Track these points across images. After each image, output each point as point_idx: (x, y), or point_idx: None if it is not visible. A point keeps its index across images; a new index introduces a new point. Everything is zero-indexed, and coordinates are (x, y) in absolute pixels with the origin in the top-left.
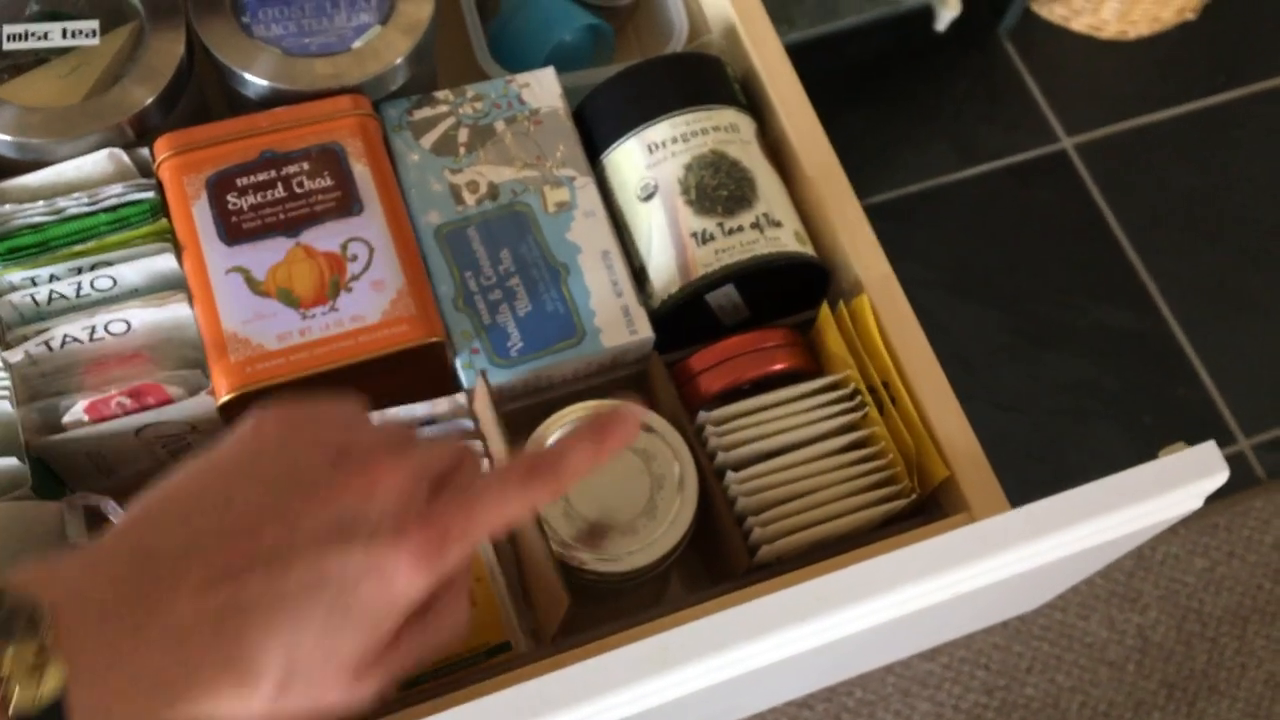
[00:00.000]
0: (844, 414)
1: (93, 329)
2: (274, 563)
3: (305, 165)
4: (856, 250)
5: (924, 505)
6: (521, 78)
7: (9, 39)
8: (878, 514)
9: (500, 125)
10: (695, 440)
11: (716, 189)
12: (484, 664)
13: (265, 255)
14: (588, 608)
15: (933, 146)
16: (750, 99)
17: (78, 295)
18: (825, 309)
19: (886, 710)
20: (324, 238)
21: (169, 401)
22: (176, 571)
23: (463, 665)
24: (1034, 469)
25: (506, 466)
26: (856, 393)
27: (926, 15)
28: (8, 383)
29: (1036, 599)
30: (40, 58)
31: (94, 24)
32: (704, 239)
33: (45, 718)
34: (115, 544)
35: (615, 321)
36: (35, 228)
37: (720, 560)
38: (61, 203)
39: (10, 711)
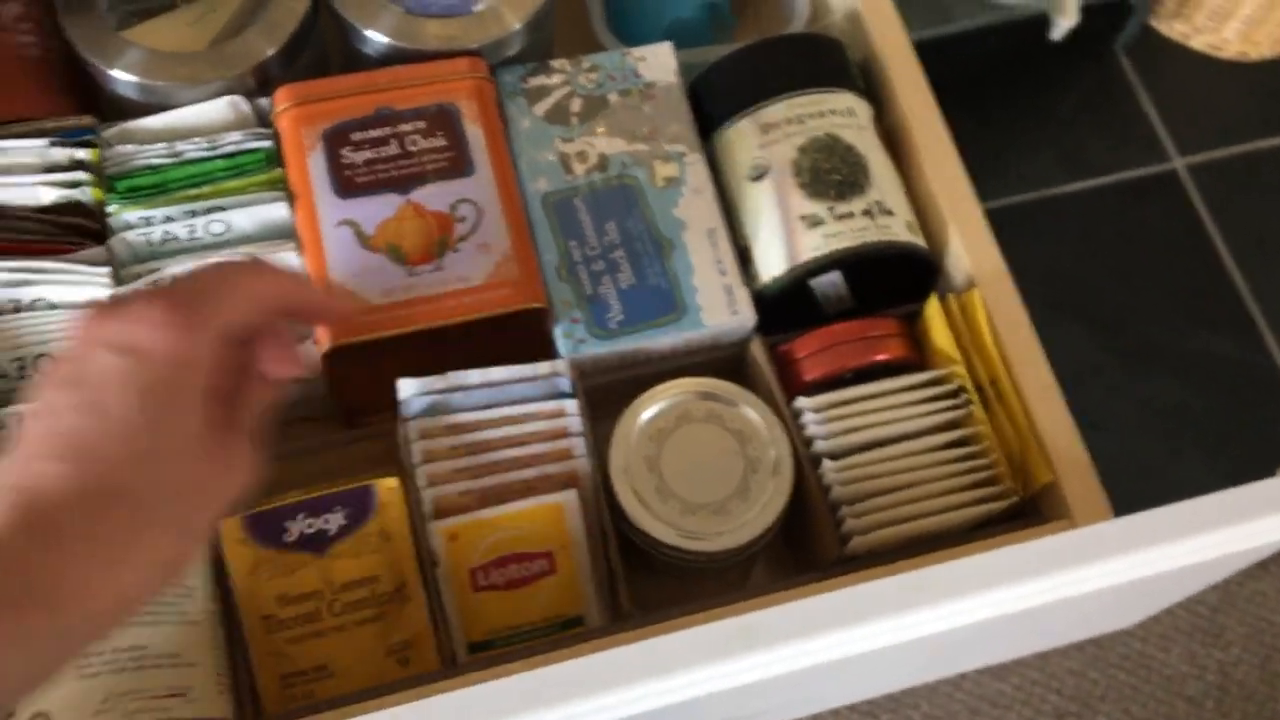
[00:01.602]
0: (948, 410)
1: None
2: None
3: (420, 124)
4: (970, 244)
5: (1022, 509)
6: (638, 51)
7: None
8: (975, 514)
9: (614, 97)
10: (792, 425)
11: (829, 173)
12: (556, 636)
13: (376, 210)
14: (667, 587)
15: (1040, 157)
16: (869, 85)
17: (190, 238)
18: (934, 301)
19: None
20: (434, 197)
21: None
22: None
23: (534, 635)
24: (1118, 491)
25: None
26: (962, 389)
27: (1041, 23)
28: None
29: (1122, 619)
30: (168, 3)
31: None
32: (813, 223)
33: None
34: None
35: (717, 301)
36: (154, 169)
37: (808, 549)
38: (181, 146)
39: None
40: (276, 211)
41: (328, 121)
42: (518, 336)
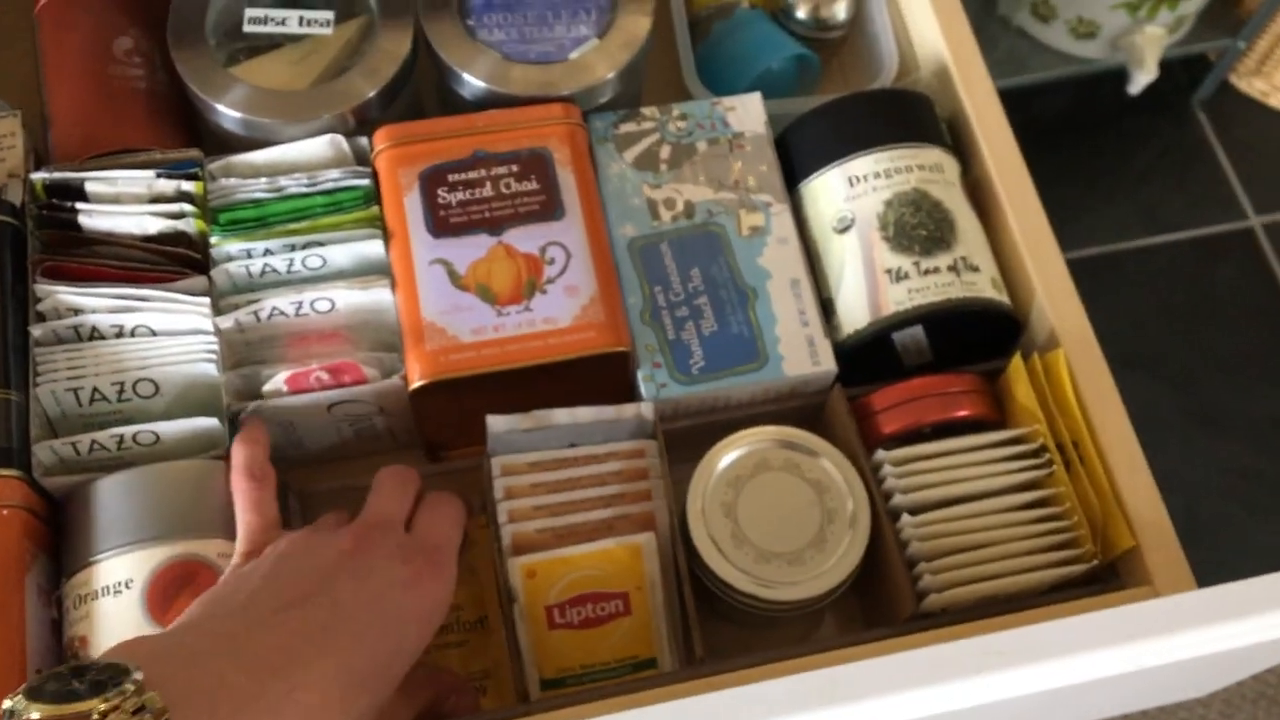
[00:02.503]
0: (1029, 469)
1: (299, 304)
2: (328, 594)
3: (514, 167)
4: (1055, 303)
5: (1100, 574)
6: (727, 101)
7: (250, 21)
8: (1052, 576)
9: (702, 145)
10: (871, 478)
11: (915, 228)
12: (628, 677)
13: (468, 250)
14: (736, 633)
15: (1114, 211)
16: (955, 139)
17: (288, 271)
18: (1018, 360)
19: None
20: (525, 239)
21: (364, 381)
22: (246, 621)
23: (606, 675)
24: (1188, 555)
25: (428, 497)
26: (1044, 449)
27: (1118, 77)
28: (216, 347)
29: (1196, 689)
30: (275, 42)
31: (329, 14)
32: (898, 277)
33: None
34: (182, 624)
35: (799, 350)
36: (256, 203)
37: (881, 604)
38: (282, 181)
39: None
40: (372, 248)
41: (425, 162)
42: (601, 378)
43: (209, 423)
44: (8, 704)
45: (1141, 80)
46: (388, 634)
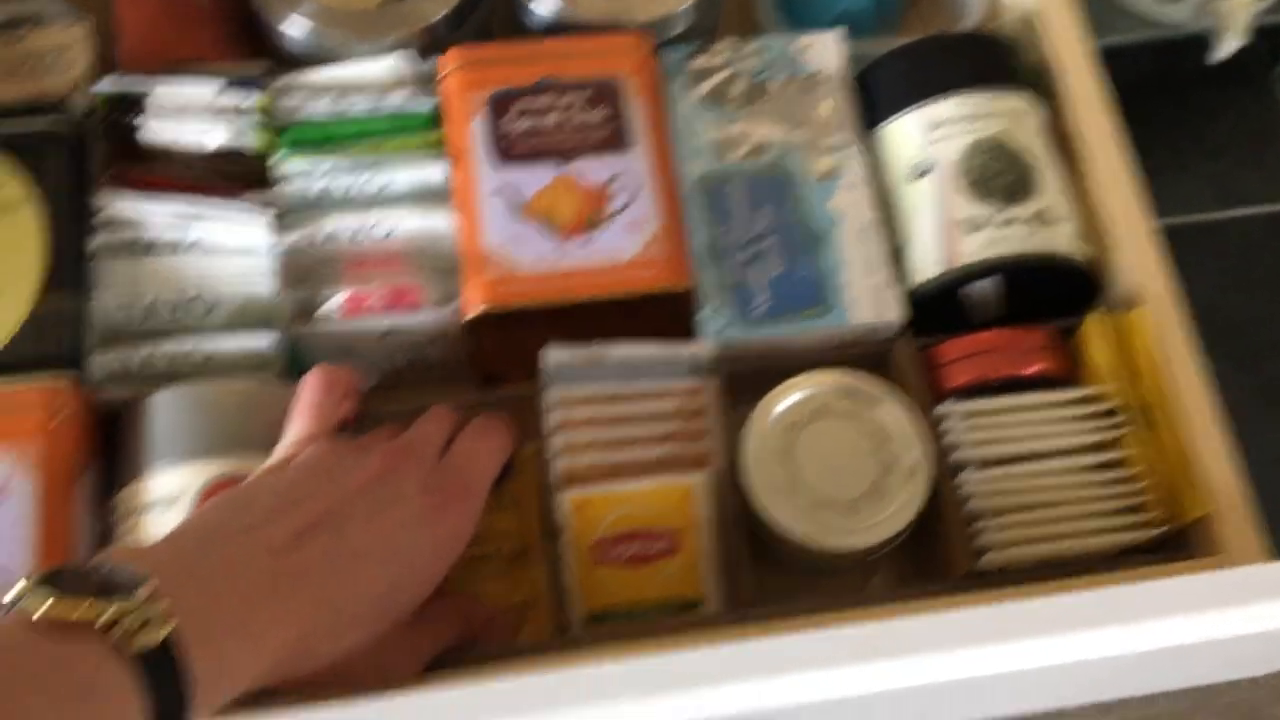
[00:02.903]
0: (1100, 430)
1: (359, 227)
2: (335, 526)
3: (583, 96)
4: (1138, 262)
5: (1168, 541)
6: (805, 38)
7: None
8: (1117, 541)
9: (776, 83)
10: (934, 430)
11: (995, 176)
12: (673, 618)
13: (532, 179)
14: (786, 581)
15: (1188, 182)
16: (1040, 89)
17: (349, 193)
18: (1096, 316)
19: None
20: (590, 170)
21: (420, 308)
22: (250, 544)
23: (651, 614)
24: None
25: (473, 423)
26: (1117, 410)
27: (1197, 44)
28: (274, 266)
29: (1247, 668)
30: None
31: None
32: (973, 227)
33: (155, 662)
34: (193, 526)
35: (865, 298)
36: (320, 122)
37: (935, 559)
38: (347, 101)
39: (133, 650)
40: (435, 173)
41: (493, 87)
42: (661, 317)
43: (263, 342)
44: (15, 591)
45: (1229, 46)
46: (391, 567)
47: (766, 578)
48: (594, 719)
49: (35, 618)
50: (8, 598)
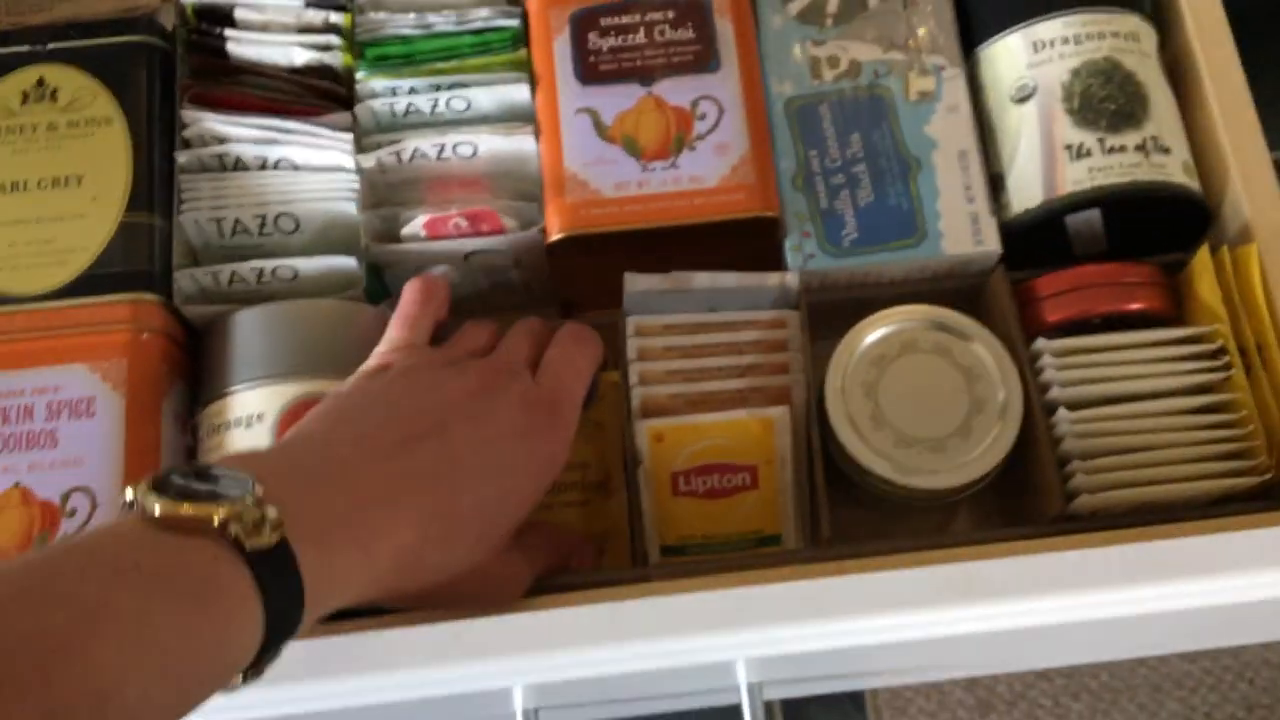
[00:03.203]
0: (1205, 371)
1: (441, 147)
2: (441, 435)
3: (670, 13)
4: (1252, 194)
5: (1272, 489)
6: None
7: None
8: (1217, 487)
9: (874, 1)
10: (1028, 368)
11: (1104, 100)
12: (750, 551)
13: (616, 100)
14: (867, 518)
15: None
16: (1155, 9)
17: (432, 112)
18: (1204, 252)
19: (1131, 701)
20: (676, 91)
21: (502, 231)
22: (359, 450)
23: (728, 548)
24: None
25: (561, 336)
26: (1224, 351)
27: None
28: (357, 185)
29: None
30: None
31: None
32: (1079, 154)
33: (270, 562)
34: (302, 434)
35: (961, 228)
36: (403, 39)
37: (1025, 501)
38: (431, 18)
39: (246, 551)
40: (518, 93)
41: (577, 4)
42: (746, 244)
43: (347, 262)
44: (130, 494)
45: None
46: (496, 481)
47: (847, 514)
48: (669, 651)
49: (155, 515)
50: (124, 499)
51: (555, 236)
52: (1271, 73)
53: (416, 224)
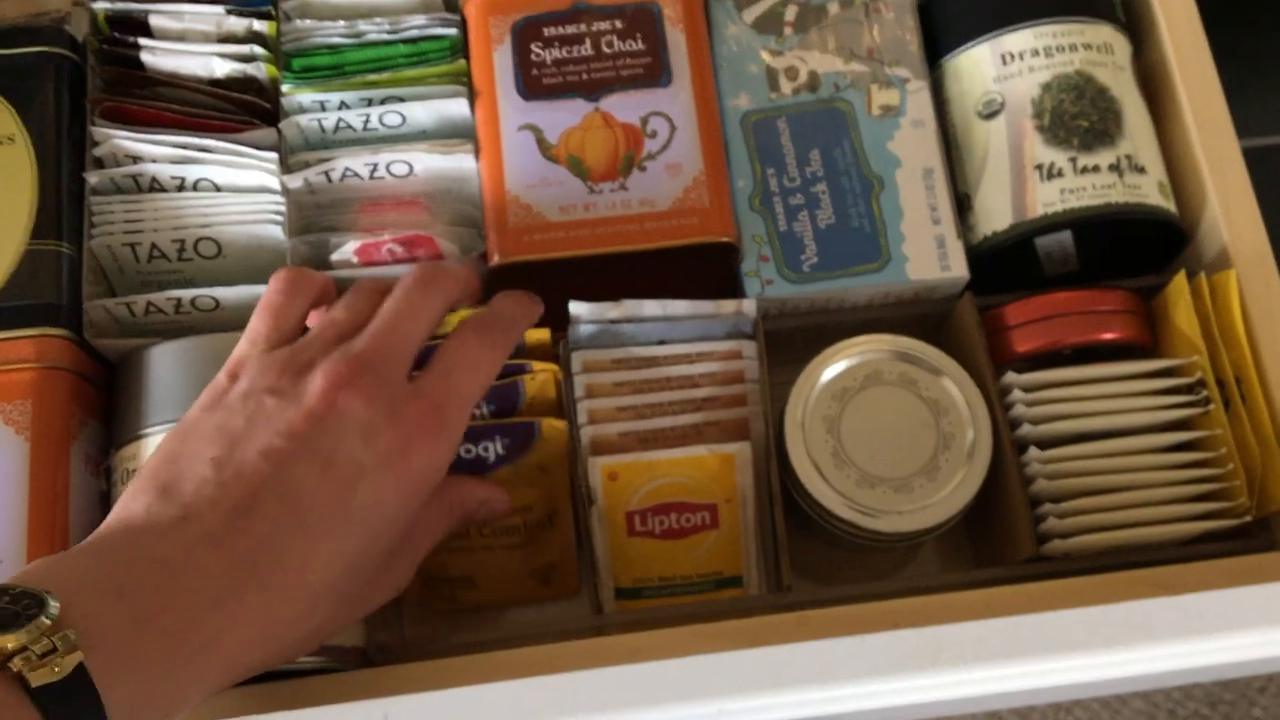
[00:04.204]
0: (1181, 406)
1: (375, 166)
2: (281, 491)
3: (618, 24)
4: (1230, 216)
5: (1250, 531)
6: None
7: None
8: (1192, 529)
9: (834, 7)
10: (997, 403)
11: (1076, 117)
12: (710, 594)
13: (561, 116)
14: (825, 553)
15: (1273, 101)
16: (1128, 16)
17: (364, 128)
18: (1181, 278)
19: (1095, 699)
20: (625, 107)
21: (439, 257)
22: (184, 537)
23: (686, 590)
24: None
25: (463, 324)
26: (1201, 384)
27: None
28: (283, 207)
29: None
30: None
31: None
32: (1050, 174)
33: (62, 696)
34: (119, 523)
35: (926, 251)
36: (333, 49)
37: (995, 541)
38: (362, 26)
39: (32, 687)
40: (456, 107)
41: (519, 13)
42: (700, 270)
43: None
44: None
45: None
46: (356, 528)
47: (806, 548)
48: None
49: None
50: None
51: (496, 263)
52: (1238, 58)
53: (347, 250)
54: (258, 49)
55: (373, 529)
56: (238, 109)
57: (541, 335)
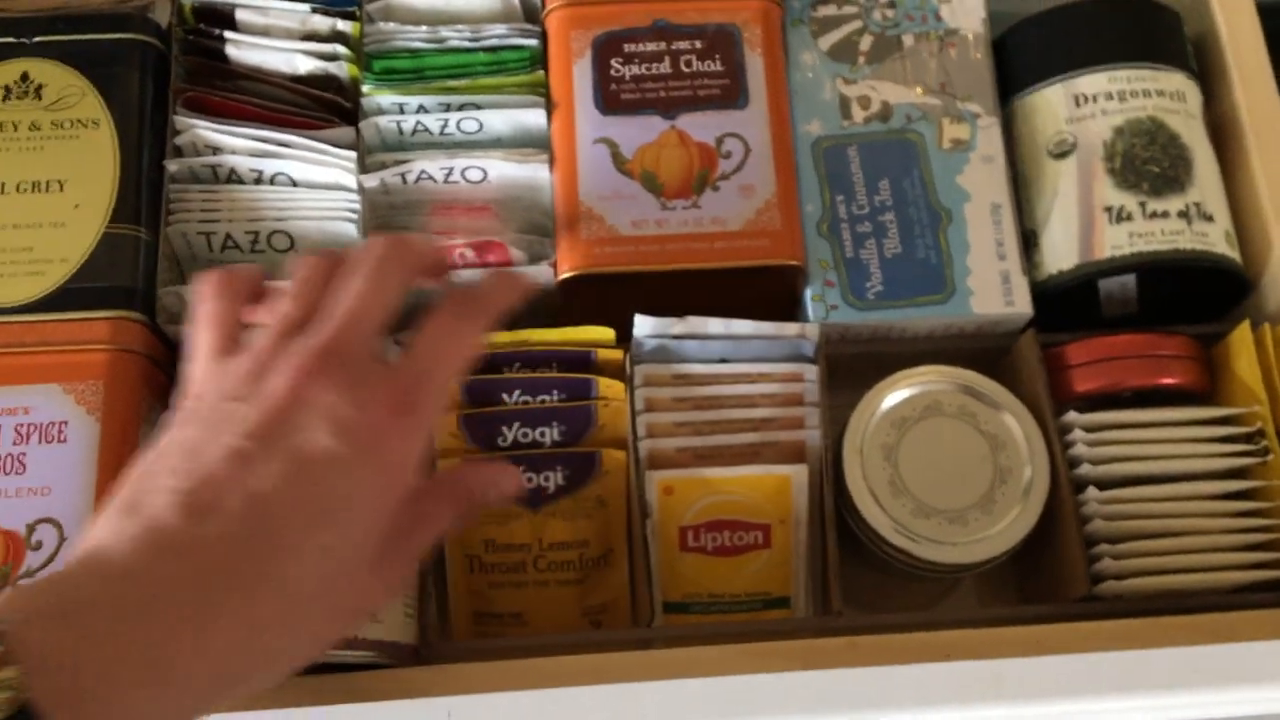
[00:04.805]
0: (1240, 455)
1: (449, 170)
2: (250, 497)
3: (698, 44)
4: None
5: None
6: None
7: None
8: (1244, 578)
9: (909, 40)
10: (1056, 440)
11: (1147, 162)
12: (758, 614)
13: (637, 132)
14: (870, 577)
15: None
16: (1200, 66)
17: (441, 132)
18: (1245, 328)
19: None
20: (701, 126)
21: (510, 264)
22: (151, 546)
23: (734, 608)
24: None
25: (442, 307)
26: (1261, 434)
27: None
28: (358, 205)
29: None
30: None
31: None
32: (1118, 217)
33: None
34: (86, 552)
35: (991, 286)
36: (413, 53)
37: (1045, 578)
38: (444, 32)
39: None
40: (533, 117)
41: (601, 27)
42: (765, 291)
43: None
44: None
45: None
46: (332, 534)
47: (853, 574)
48: None
49: None
50: None
51: (566, 274)
52: None
53: None
54: (340, 48)
55: (353, 521)
56: (318, 106)
57: (614, 355)
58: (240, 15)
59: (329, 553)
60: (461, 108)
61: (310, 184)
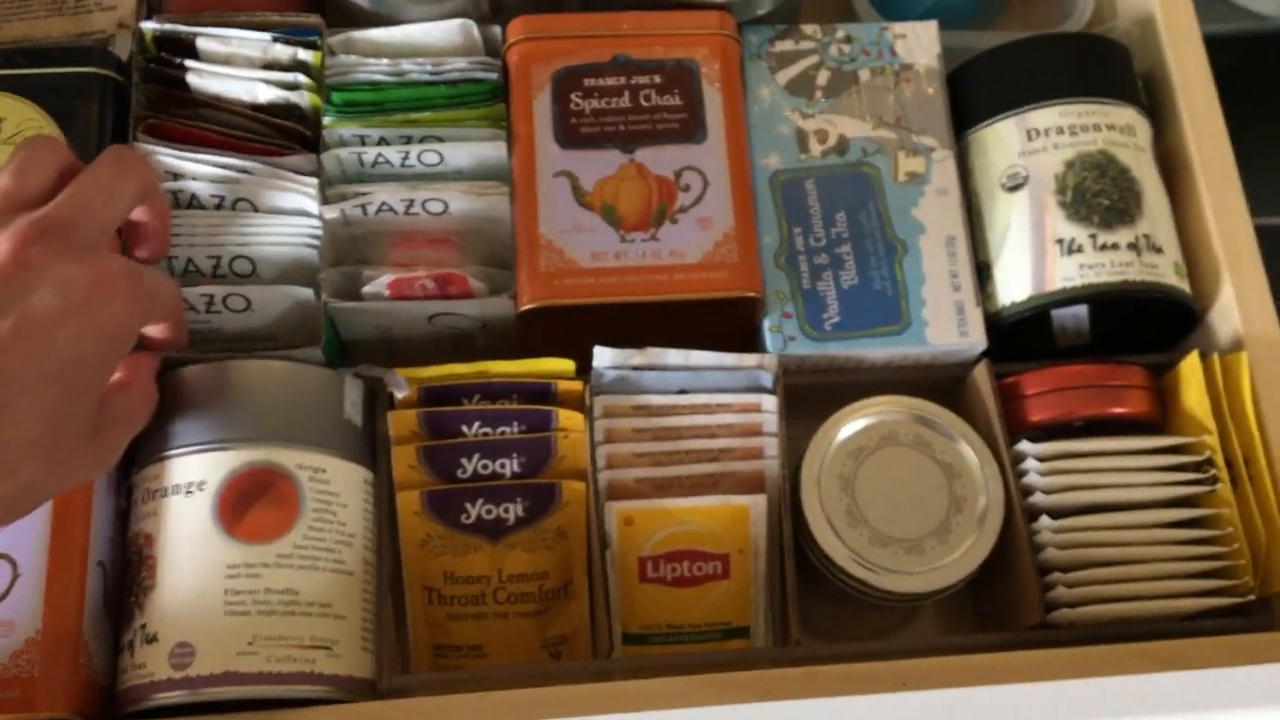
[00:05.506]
0: (1189, 484)
1: (410, 202)
2: None
3: (657, 78)
4: (1244, 302)
5: (1252, 609)
6: (899, 27)
7: None
8: (1196, 605)
9: (865, 74)
10: (1009, 469)
11: (1097, 195)
12: (718, 643)
13: (597, 165)
14: (827, 607)
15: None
16: (1150, 100)
17: (402, 164)
18: (1194, 358)
19: None
20: (660, 160)
21: (470, 295)
22: None
23: (694, 638)
24: None
25: (96, 165)
26: (1210, 463)
27: None
28: (320, 231)
29: None
30: None
31: None
32: (1070, 249)
33: None
34: None
35: (946, 317)
36: (375, 85)
37: (1000, 605)
38: (405, 65)
39: None
40: (493, 150)
41: (561, 62)
42: (723, 323)
43: (304, 292)
44: None
45: None
46: (57, 380)
47: (812, 604)
48: None
49: None
50: None
51: (527, 306)
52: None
53: (381, 283)
54: (302, 78)
55: (74, 380)
56: (279, 134)
57: (574, 386)
58: (202, 44)
59: (49, 406)
60: (423, 140)
61: (272, 209)
